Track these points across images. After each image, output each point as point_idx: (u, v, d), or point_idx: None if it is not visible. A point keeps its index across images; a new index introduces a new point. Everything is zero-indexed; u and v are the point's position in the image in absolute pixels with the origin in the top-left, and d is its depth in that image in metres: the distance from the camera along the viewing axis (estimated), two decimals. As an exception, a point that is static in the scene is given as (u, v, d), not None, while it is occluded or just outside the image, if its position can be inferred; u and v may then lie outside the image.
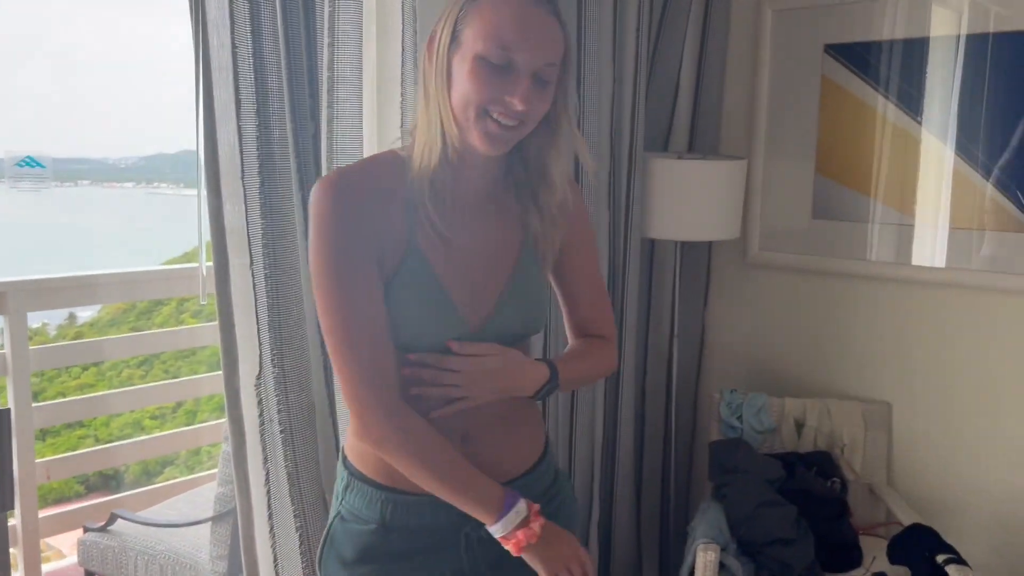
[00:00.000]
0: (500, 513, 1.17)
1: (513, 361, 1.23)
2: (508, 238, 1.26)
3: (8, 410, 1.50)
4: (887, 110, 2.27)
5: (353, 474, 1.27)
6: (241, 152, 1.61)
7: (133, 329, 7.42)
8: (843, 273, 2.39)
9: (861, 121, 2.31)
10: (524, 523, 1.18)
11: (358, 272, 1.14)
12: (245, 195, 1.62)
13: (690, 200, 2.29)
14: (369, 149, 1.66)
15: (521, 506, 1.19)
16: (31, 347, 2.82)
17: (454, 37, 1.12)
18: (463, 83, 1.11)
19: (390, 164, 1.20)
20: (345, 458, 1.29)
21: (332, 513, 1.30)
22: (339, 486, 1.29)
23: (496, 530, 1.18)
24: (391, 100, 1.68)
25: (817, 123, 2.38)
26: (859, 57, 2.30)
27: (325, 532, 1.29)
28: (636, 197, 2.31)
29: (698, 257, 2.62)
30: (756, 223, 2.51)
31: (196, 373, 4.61)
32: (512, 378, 1.23)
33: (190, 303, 7.58)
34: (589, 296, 1.39)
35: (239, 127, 1.61)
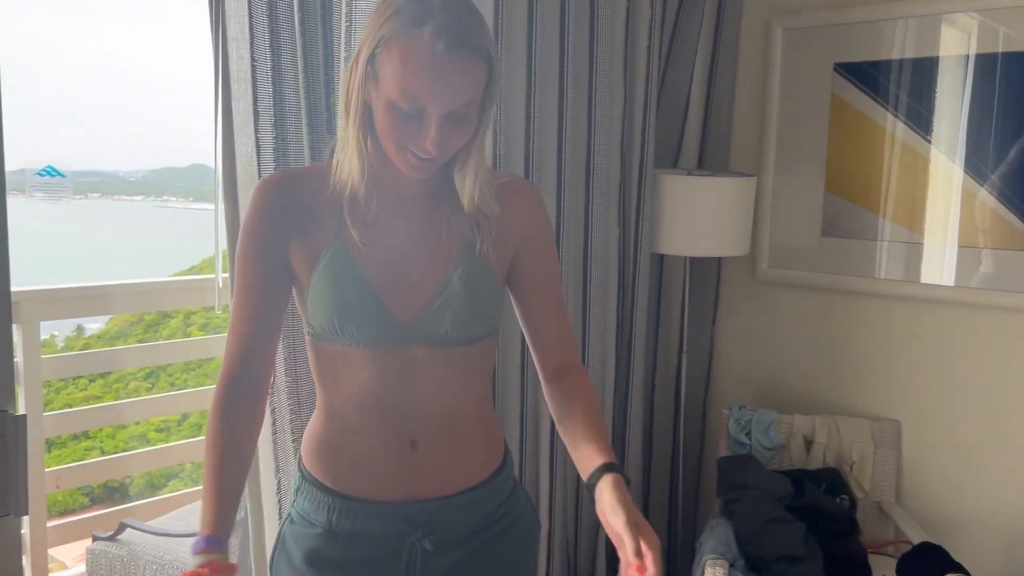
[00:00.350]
0: (199, 541, 1.11)
1: (624, 499, 1.13)
2: (450, 237, 1.22)
3: (24, 416, 1.50)
4: (896, 129, 2.28)
5: (304, 476, 1.27)
6: (259, 162, 1.63)
7: (140, 342, 7.45)
8: (852, 291, 2.40)
9: (870, 139, 2.33)
10: (205, 568, 1.08)
11: (251, 264, 1.20)
12: (261, 206, 1.64)
13: (700, 216, 2.30)
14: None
15: (211, 557, 1.08)
16: (43, 356, 2.84)
17: (371, 70, 1.10)
18: (380, 119, 1.12)
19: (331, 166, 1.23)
20: (300, 459, 1.30)
21: (284, 515, 1.30)
22: (293, 487, 1.30)
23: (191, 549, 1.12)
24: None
25: (827, 141, 2.40)
26: (869, 76, 2.32)
27: (277, 534, 1.30)
28: (645, 213, 2.33)
29: (707, 273, 2.63)
30: (765, 240, 2.52)
31: (203, 386, 4.62)
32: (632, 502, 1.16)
33: (197, 316, 7.61)
34: (551, 312, 1.32)
35: (257, 138, 1.63)
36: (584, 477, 1.18)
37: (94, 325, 8.19)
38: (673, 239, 2.34)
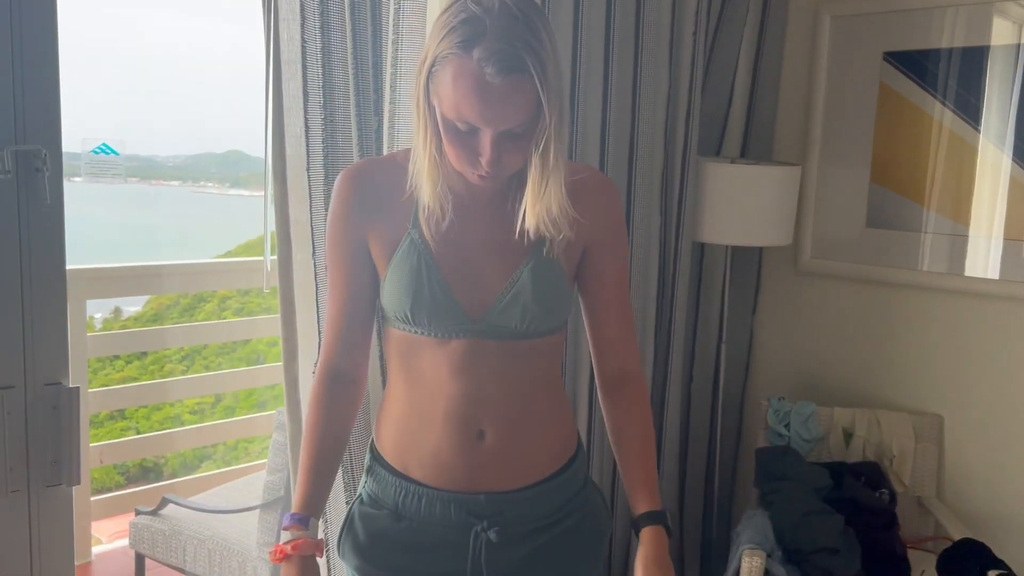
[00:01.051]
0: (286, 517, 1.24)
1: (652, 556, 1.22)
2: (520, 236, 1.21)
3: (77, 388, 1.54)
4: (945, 118, 2.25)
5: (375, 457, 1.30)
6: (307, 144, 1.65)
7: (176, 324, 7.56)
8: (895, 283, 2.37)
9: (918, 129, 2.29)
10: (288, 545, 1.19)
11: (336, 254, 1.27)
12: (310, 187, 1.65)
13: (742, 205, 2.28)
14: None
15: (295, 534, 1.20)
16: (88, 334, 2.90)
17: (432, 84, 1.11)
18: (442, 131, 1.13)
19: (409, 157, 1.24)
20: (372, 440, 1.32)
21: (355, 494, 1.33)
22: (364, 467, 1.33)
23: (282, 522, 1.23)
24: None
25: (873, 130, 2.37)
26: (918, 65, 2.28)
27: (347, 513, 1.32)
28: (688, 201, 2.32)
29: (749, 263, 2.61)
30: (808, 230, 2.50)
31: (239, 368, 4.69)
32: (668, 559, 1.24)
33: (232, 301, 7.70)
34: (613, 312, 1.31)
35: (306, 119, 1.65)
36: (632, 511, 1.28)
37: (132, 308, 8.31)
38: (715, 228, 2.32)
